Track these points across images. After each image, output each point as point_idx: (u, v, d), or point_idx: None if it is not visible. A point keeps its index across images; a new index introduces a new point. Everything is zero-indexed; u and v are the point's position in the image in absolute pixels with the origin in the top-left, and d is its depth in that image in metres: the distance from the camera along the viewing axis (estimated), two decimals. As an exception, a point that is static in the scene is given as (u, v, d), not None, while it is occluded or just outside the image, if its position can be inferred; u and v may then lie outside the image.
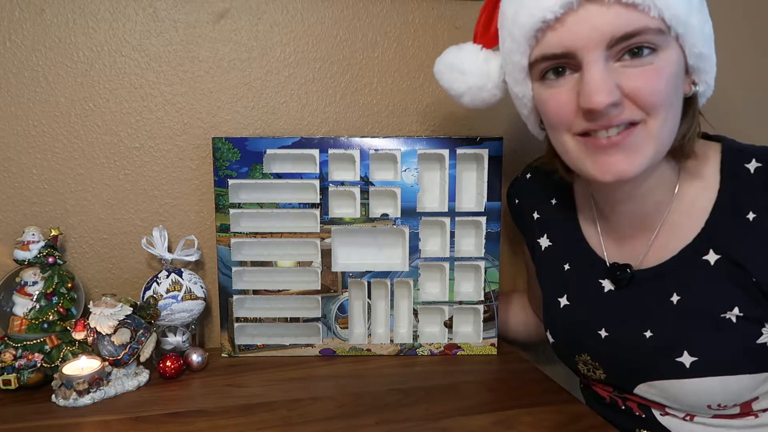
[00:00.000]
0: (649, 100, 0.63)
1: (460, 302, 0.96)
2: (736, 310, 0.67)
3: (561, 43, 0.63)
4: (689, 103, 0.69)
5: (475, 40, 0.78)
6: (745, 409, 0.71)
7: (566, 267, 0.84)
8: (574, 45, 0.62)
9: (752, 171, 0.69)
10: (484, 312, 0.96)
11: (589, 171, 0.68)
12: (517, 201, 0.95)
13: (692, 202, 0.72)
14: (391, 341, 0.96)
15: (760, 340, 0.67)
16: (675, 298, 0.71)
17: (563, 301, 0.83)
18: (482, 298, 0.96)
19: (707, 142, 0.74)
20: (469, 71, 0.76)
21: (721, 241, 0.69)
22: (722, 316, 0.68)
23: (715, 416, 0.72)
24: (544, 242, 0.88)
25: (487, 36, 0.76)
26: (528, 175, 0.93)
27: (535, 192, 0.91)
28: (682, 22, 0.61)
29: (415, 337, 0.96)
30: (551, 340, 0.85)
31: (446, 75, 0.79)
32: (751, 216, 0.67)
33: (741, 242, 0.68)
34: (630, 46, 0.62)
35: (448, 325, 0.96)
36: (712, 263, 0.69)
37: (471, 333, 0.98)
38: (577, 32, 0.62)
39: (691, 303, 0.70)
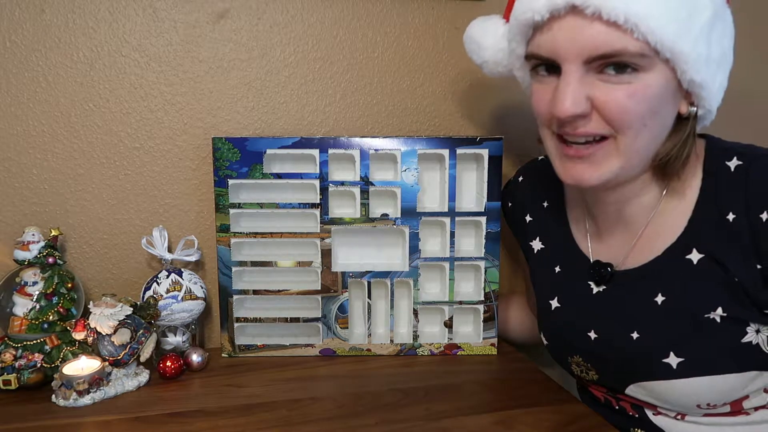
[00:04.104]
0: (616, 117, 0.63)
1: (460, 302, 0.96)
2: (719, 311, 0.68)
3: (545, 48, 0.65)
4: (685, 122, 0.69)
5: (504, 13, 0.78)
6: (736, 408, 0.72)
7: (557, 269, 0.84)
8: (555, 52, 0.64)
9: (732, 169, 0.68)
10: (484, 312, 0.96)
11: (557, 170, 0.71)
12: (510, 205, 0.95)
13: (677, 203, 0.72)
14: (391, 341, 0.96)
15: (745, 339, 0.67)
16: (660, 299, 0.72)
17: (554, 303, 0.83)
18: (482, 298, 0.96)
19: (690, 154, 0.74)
20: (486, 46, 0.78)
21: (704, 240, 0.69)
22: (706, 316, 0.68)
23: (706, 415, 0.72)
24: (537, 245, 0.88)
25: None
26: (520, 179, 0.94)
27: (527, 195, 0.91)
28: (668, 48, 0.60)
29: (415, 337, 0.96)
30: (545, 342, 0.86)
31: (467, 45, 0.82)
32: (731, 217, 0.67)
33: (723, 242, 0.68)
34: (610, 63, 0.62)
35: (448, 325, 0.96)
36: (695, 262, 0.70)
37: (471, 333, 0.98)
38: (559, 41, 0.63)
39: (675, 303, 0.71)
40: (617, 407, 0.80)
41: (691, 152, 0.70)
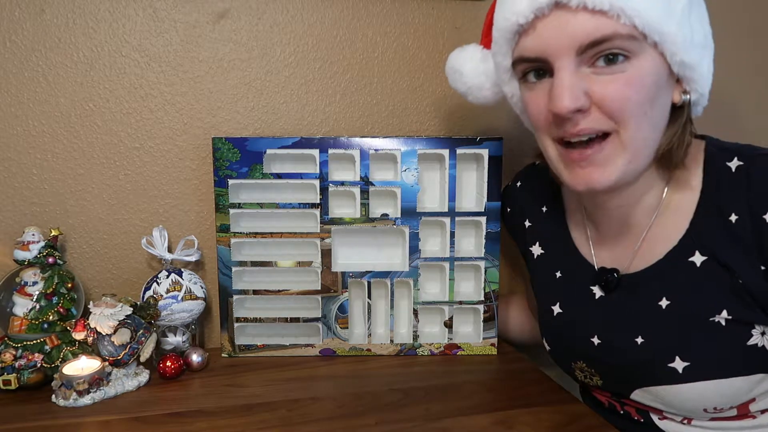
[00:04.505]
0: (616, 109, 0.63)
1: (460, 302, 0.96)
2: (724, 313, 0.67)
3: (533, 48, 0.65)
4: (680, 111, 0.69)
5: (480, 40, 0.80)
6: (743, 411, 0.71)
7: (558, 274, 0.84)
8: (545, 51, 0.63)
9: (733, 170, 0.68)
10: (484, 312, 0.96)
11: (565, 179, 0.70)
12: (509, 210, 0.95)
13: (678, 204, 0.72)
14: (391, 341, 0.96)
15: (751, 342, 0.67)
16: (664, 303, 0.71)
17: (556, 309, 0.83)
18: (482, 298, 0.96)
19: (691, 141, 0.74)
20: (468, 72, 0.80)
21: (707, 242, 0.69)
22: (711, 319, 0.68)
23: (713, 419, 0.72)
24: (537, 250, 0.88)
25: (488, 36, 0.77)
26: (518, 183, 0.94)
27: (526, 200, 0.91)
28: (656, 30, 0.60)
29: (415, 337, 0.96)
30: (548, 348, 0.85)
31: (450, 76, 0.83)
32: (733, 218, 0.67)
33: (726, 244, 0.67)
34: (602, 52, 0.61)
35: (448, 325, 0.96)
36: (698, 264, 0.69)
37: (471, 333, 0.98)
38: (547, 38, 0.63)
39: (680, 307, 0.70)
40: (622, 412, 0.80)
41: (691, 140, 0.70)
